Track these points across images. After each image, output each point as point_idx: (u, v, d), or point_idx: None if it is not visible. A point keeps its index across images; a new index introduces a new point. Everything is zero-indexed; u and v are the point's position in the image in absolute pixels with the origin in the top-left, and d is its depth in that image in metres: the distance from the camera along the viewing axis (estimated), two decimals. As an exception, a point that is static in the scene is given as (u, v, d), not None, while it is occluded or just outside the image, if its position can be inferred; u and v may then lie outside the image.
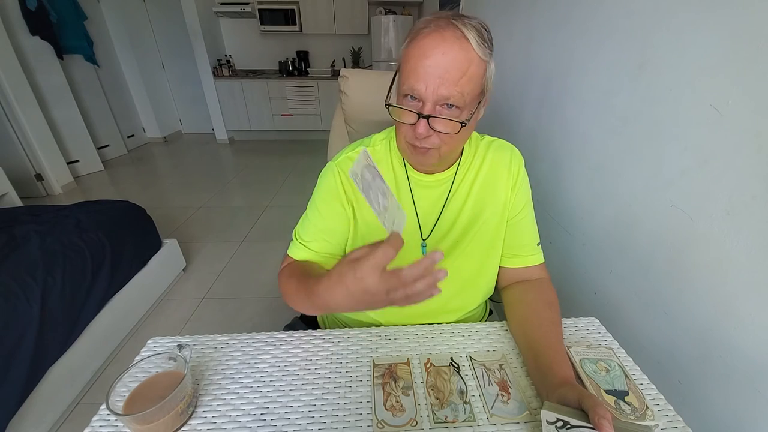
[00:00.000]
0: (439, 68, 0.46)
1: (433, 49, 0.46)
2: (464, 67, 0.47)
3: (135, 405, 0.42)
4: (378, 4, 4.20)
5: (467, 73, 0.47)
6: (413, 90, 0.48)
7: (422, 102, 0.49)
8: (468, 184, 0.64)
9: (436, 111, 0.49)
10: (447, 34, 0.47)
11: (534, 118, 1.24)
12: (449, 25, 0.47)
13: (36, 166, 2.78)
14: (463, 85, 0.47)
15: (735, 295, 0.55)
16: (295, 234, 0.66)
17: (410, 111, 0.49)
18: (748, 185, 0.53)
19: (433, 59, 0.46)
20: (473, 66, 0.47)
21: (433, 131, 0.50)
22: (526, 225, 0.66)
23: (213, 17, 4.19)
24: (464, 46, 0.47)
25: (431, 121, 0.49)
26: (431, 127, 0.49)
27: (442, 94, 0.47)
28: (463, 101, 0.48)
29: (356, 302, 0.39)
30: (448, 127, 0.49)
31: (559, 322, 0.57)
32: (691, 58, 0.63)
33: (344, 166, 0.63)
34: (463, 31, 0.47)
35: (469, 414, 0.46)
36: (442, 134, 0.50)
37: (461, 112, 0.49)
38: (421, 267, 0.37)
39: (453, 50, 0.46)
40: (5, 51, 2.50)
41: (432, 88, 0.47)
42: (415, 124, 0.49)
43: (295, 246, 0.64)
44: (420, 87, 0.47)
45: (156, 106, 4.39)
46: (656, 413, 0.46)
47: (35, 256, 1.15)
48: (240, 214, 2.63)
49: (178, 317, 1.63)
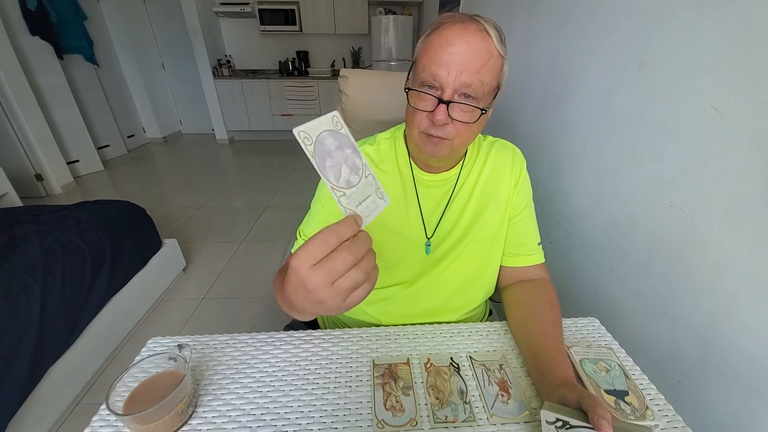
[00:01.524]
0: (461, 56, 0.47)
1: (457, 37, 0.48)
2: (485, 58, 0.48)
3: (135, 405, 0.42)
4: (378, 4, 4.20)
5: (488, 63, 0.49)
6: (435, 76, 0.49)
7: (441, 89, 0.49)
8: (471, 183, 0.64)
9: (455, 99, 0.49)
10: (470, 27, 0.48)
11: (534, 118, 1.24)
12: (471, 20, 0.49)
13: (36, 166, 2.78)
14: (484, 74, 0.48)
15: (735, 295, 0.55)
16: (299, 232, 0.66)
17: (430, 95, 0.50)
18: (748, 185, 0.53)
19: (457, 47, 0.47)
20: (493, 58, 0.49)
21: (450, 119, 0.50)
22: (527, 224, 0.67)
23: (213, 17, 4.19)
24: (486, 38, 0.48)
25: (450, 108, 0.49)
26: (449, 114, 0.49)
27: (464, 81, 0.48)
28: (482, 91, 0.49)
29: (303, 300, 0.32)
30: (466, 116, 0.50)
31: (560, 323, 0.57)
32: (691, 58, 0.63)
33: None
34: (485, 26, 0.49)
35: (469, 414, 0.46)
36: (458, 123, 0.50)
37: (478, 103, 0.50)
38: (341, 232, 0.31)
39: (476, 40, 0.48)
40: (5, 51, 2.49)
41: (454, 75, 0.48)
42: (434, 110, 0.49)
43: (298, 243, 0.65)
44: (442, 73, 0.48)
45: (156, 106, 4.39)
46: (656, 413, 0.46)
47: (35, 256, 1.15)
48: (240, 214, 2.63)
49: (178, 317, 1.63)
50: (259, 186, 3.19)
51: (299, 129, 0.31)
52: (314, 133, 0.32)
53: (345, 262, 0.30)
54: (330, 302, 0.31)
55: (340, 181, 0.33)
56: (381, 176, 0.64)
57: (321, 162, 0.33)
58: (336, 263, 0.30)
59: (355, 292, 0.32)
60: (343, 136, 0.34)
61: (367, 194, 0.35)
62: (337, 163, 0.33)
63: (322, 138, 0.33)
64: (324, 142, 0.33)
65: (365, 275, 0.32)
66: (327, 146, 0.33)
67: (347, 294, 0.31)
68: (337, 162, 0.33)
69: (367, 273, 0.32)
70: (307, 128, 0.32)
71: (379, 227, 0.63)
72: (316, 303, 0.32)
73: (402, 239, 0.63)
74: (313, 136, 0.32)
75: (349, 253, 0.30)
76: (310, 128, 0.32)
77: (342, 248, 0.30)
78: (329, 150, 0.33)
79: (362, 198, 0.34)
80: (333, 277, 0.30)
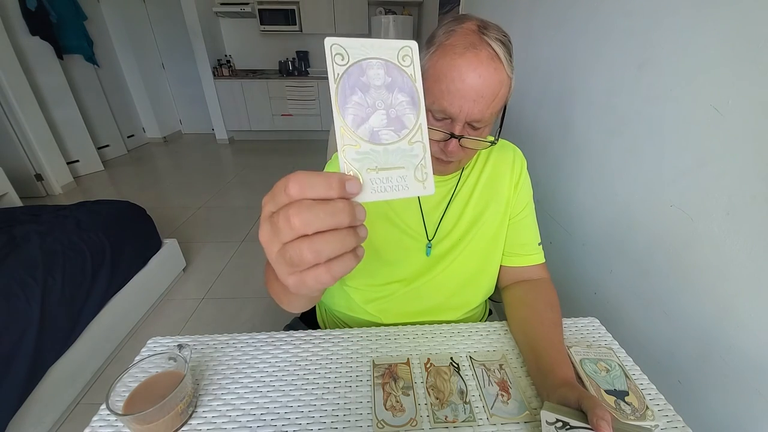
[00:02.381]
0: (473, 91, 0.46)
1: (470, 72, 0.46)
2: (497, 90, 0.47)
3: (135, 405, 0.42)
4: (378, 4, 4.19)
5: (499, 95, 0.48)
6: (445, 112, 0.49)
7: (452, 120, 0.49)
8: (472, 183, 0.64)
9: (465, 131, 0.50)
10: (482, 56, 0.46)
11: (534, 118, 1.24)
12: (482, 42, 0.46)
13: (36, 166, 2.78)
14: (494, 107, 0.49)
15: (735, 295, 0.55)
16: None
17: (441, 132, 0.50)
18: (748, 185, 0.53)
19: (469, 82, 0.46)
20: (503, 87, 0.48)
21: (461, 147, 0.51)
22: (527, 224, 0.67)
23: (213, 17, 4.19)
24: (498, 67, 0.47)
25: (462, 140, 0.50)
26: (461, 144, 0.51)
27: (475, 117, 0.48)
28: (489, 120, 0.50)
29: (274, 264, 0.24)
30: (476, 143, 0.52)
31: (560, 323, 0.57)
32: (691, 57, 0.63)
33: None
34: (494, 49, 0.46)
35: (469, 414, 0.46)
36: (468, 149, 0.53)
37: (485, 129, 0.52)
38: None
39: (488, 72, 0.46)
40: (5, 51, 2.49)
41: (466, 112, 0.48)
42: (445, 143, 0.51)
43: None
44: (454, 110, 0.48)
45: (156, 106, 4.39)
46: (656, 413, 0.46)
47: (35, 256, 1.15)
48: (240, 214, 2.63)
49: (178, 317, 1.63)
50: (259, 186, 3.19)
51: (334, 40, 0.22)
52: (356, 52, 0.22)
53: (288, 223, 0.21)
54: (279, 269, 0.24)
55: (359, 129, 0.23)
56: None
57: (344, 93, 0.22)
58: (279, 220, 0.21)
59: (319, 268, 0.22)
60: (405, 76, 0.24)
61: (399, 165, 0.24)
62: (372, 104, 0.23)
63: (365, 64, 0.23)
64: (366, 71, 0.23)
65: (331, 251, 0.22)
66: (368, 77, 0.23)
67: (298, 265, 0.22)
68: (372, 103, 0.23)
69: (334, 250, 0.22)
70: (348, 44, 0.22)
71: (383, 220, 0.63)
72: (275, 266, 0.24)
73: (403, 236, 0.64)
74: (353, 55, 0.22)
75: (302, 212, 0.21)
76: (351, 45, 0.22)
77: (294, 205, 0.21)
78: (368, 83, 0.23)
79: (386, 165, 0.23)
80: (279, 238, 0.22)
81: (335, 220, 0.21)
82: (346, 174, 0.22)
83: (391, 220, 0.63)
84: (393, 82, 0.23)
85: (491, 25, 0.49)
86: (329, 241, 0.22)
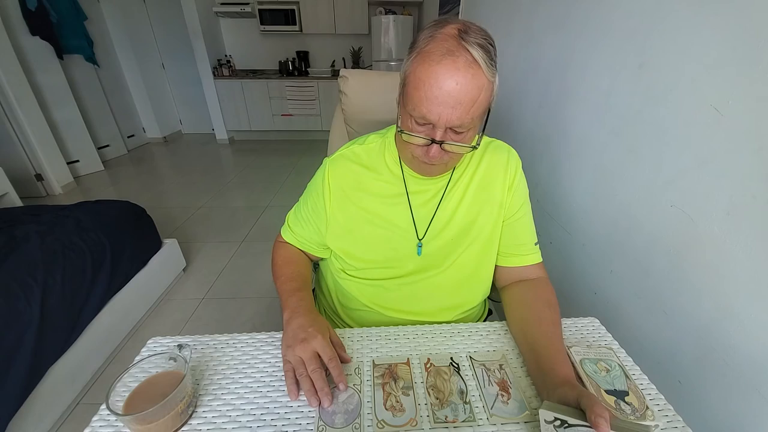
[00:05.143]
0: (451, 98, 0.46)
1: (447, 79, 0.46)
2: (475, 96, 0.47)
3: (135, 405, 0.42)
4: (378, 4, 4.20)
5: (478, 101, 0.48)
6: (425, 118, 0.49)
7: (432, 125, 0.50)
8: (464, 183, 0.64)
9: (447, 136, 0.50)
10: (460, 63, 0.46)
11: (533, 119, 1.24)
12: (459, 48, 0.46)
13: (36, 166, 2.78)
14: (474, 111, 0.49)
15: (735, 295, 0.55)
16: (287, 217, 0.75)
17: (422, 138, 0.51)
18: (748, 185, 0.53)
19: (446, 89, 0.46)
20: (483, 92, 0.48)
21: (443, 151, 0.52)
22: (524, 225, 0.67)
23: (213, 17, 4.19)
24: (476, 73, 0.46)
25: (443, 145, 0.51)
26: (443, 149, 0.51)
27: (454, 123, 0.48)
28: (472, 125, 0.50)
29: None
30: (459, 147, 0.52)
31: (559, 322, 0.57)
32: (691, 57, 0.63)
33: (336, 163, 0.66)
34: (473, 54, 0.46)
35: (469, 414, 0.46)
36: (452, 153, 0.53)
37: (468, 132, 0.51)
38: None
39: (465, 79, 0.46)
40: (5, 51, 2.49)
41: (445, 118, 0.48)
42: (427, 148, 0.52)
43: (284, 227, 0.75)
44: (433, 117, 0.48)
45: (156, 106, 4.39)
46: (656, 413, 0.46)
47: (35, 256, 1.15)
48: (240, 214, 2.63)
49: (178, 317, 1.63)
50: (259, 186, 3.19)
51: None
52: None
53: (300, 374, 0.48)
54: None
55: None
56: (369, 175, 0.65)
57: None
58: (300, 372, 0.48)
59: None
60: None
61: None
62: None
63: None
64: None
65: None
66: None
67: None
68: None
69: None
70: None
71: (366, 223, 0.64)
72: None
73: (391, 233, 0.64)
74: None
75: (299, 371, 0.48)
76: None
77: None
78: None
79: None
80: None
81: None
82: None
83: (374, 224, 0.64)
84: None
85: (473, 28, 0.48)
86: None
